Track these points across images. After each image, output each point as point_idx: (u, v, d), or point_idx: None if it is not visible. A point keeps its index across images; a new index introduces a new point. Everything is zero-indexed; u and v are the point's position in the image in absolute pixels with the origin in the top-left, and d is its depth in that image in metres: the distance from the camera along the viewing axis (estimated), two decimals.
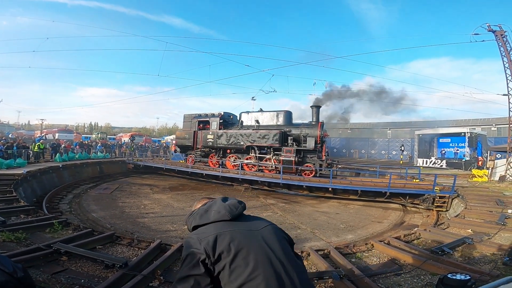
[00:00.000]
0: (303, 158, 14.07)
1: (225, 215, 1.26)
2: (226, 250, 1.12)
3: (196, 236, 1.20)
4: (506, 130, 16.73)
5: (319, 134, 13.83)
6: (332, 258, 4.64)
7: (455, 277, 2.62)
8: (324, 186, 12.01)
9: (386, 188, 10.92)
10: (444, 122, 34.21)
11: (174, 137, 50.15)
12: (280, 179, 12.68)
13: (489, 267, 3.99)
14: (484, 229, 5.97)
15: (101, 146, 25.73)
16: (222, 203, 1.32)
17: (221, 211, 1.27)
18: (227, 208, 1.28)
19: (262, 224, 1.32)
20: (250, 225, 1.29)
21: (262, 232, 1.26)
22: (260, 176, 14.00)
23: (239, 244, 1.15)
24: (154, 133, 73.90)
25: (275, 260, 1.15)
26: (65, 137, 36.73)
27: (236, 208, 1.30)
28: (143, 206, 10.40)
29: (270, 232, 1.28)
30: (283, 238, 1.32)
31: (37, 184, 12.05)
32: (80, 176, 16.09)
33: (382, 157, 37.77)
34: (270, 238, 1.24)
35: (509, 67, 14.51)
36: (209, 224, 1.25)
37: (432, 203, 10.18)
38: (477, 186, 12.53)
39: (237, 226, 1.25)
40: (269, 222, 1.37)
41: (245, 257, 1.12)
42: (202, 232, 1.21)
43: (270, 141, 14.29)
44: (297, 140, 14.30)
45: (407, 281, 3.71)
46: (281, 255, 1.19)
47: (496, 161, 16.44)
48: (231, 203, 1.32)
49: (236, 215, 1.28)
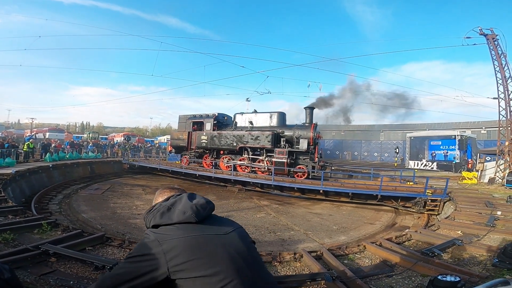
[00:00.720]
0: (296, 160, 14.03)
1: (190, 217, 1.12)
2: (188, 257, 1.02)
3: (155, 236, 1.07)
4: (496, 133, 17.06)
5: (312, 136, 13.76)
6: (324, 260, 4.65)
7: (445, 278, 2.66)
8: (315, 188, 11.96)
9: (377, 191, 10.85)
10: (435, 125, 34.81)
11: (168, 137, 49.91)
12: (272, 180, 12.66)
13: (478, 268, 4.05)
14: (473, 231, 6.07)
15: (93, 146, 25.38)
16: (188, 202, 1.18)
17: (187, 211, 1.13)
18: (193, 209, 1.15)
19: (229, 228, 1.21)
20: (217, 229, 1.17)
21: (229, 237, 1.16)
22: (252, 177, 13.99)
23: (203, 251, 1.05)
24: (147, 133, 73.29)
25: (244, 267, 1.07)
26: (55, 136, 36.15)
27: (204, 209, 1.18)
28: (135, 207, 10.28)
29: (237, 237, 1.18)
30: (251, 243, 1.23)
31: (26, 184, 11.81)
32: (70, 176, 15.82)
33: (374, 159, 38.16)
34: (237, 244, 1.14)
35: (499, 71, 14.79)
36: (171, 225, 1.12)
37: (423, 206, 10.01)
38: (466, 188, 12.74)
39: (203, 230, 1.13)
40: (237, 225, 1.28)
41: (210, 265, 1.02)
42: (162, 234, 1.08)
43: (262, 143, 14.27)
44: (290, 141, 14.28)
45: (398, 282, 3.73)
46: (250, 262, 1.11)
47: (486, 163, 16.79)
48: (198, 203, 1.19)
49: (202, 217, 1.16)
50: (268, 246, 6.56)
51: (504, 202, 9.10)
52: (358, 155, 40.08)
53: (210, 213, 1.22)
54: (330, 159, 35.62)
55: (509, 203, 8.84)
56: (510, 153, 14.52)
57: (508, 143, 14.66)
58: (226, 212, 9.88)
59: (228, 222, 1.28)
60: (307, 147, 13.61)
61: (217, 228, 1.18)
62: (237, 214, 9.71)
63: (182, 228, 1.10)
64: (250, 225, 8.42)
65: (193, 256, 1.02)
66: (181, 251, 1.02)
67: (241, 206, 11.24)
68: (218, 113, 17.33)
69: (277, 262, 4.53)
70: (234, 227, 1.24)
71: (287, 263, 4.53)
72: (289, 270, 4.29)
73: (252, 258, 1.14)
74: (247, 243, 1.20)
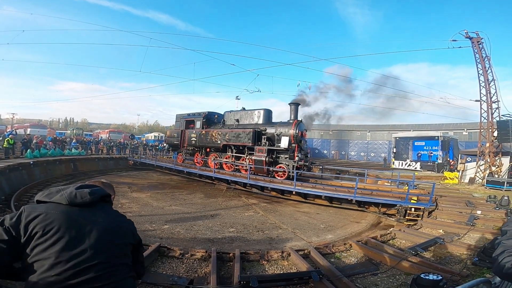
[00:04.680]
0: (276, 159, 13.35)
1: (62, 199, 1.25)
2: (41, 230, 1.14)
3: (27, 209, 1.22)
4: (477, 135, 17.66)
5: (293, 133, 12.87)
6: (312, 258, 4.70)
7: (427, 277, 2.73)
8: (287, 189, 11.44)
9: (352, 195, 9.61)
10: (420, 126, 35.73)
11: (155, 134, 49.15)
12: (248, 179, 12.41)
13: (459, 267, 4.18)
14: (454, 230, 6.27)
15: (76, 143, 24.67)
16: (73, 188, 1.31)
17: (64, 194, 1.27)
18: (71, 194, 1.27)
19: (101, 219, 1.30)
20: (87, 215, 1.27)
21: (92, 225, 1.25)
22: (230, 175, 13.94)
23: (57, 229, 1.16)
24: (134, 130, 71.91)
25: (86, 253, 1.17)
26: (37, 132, 34.94)
27: (81, 197, 1.28)
28: (120, 205, 10.06)
29: (101, 227, 1.27)
30: (114, 239, 1.30)
31: (6, 181, 11.35)
32: (52, 173, 15.33)
33: (361, 159, 38.85)
34: (95, 232, 1.23)
35: (483, 74, 15.26)
36: (47, 203, 1.26)
37: (403, 215, 8.74)
38: (448, 188, 13.15)
39: (69, 212, 1.24)
40: (118, 221, 1.38)
41: (56, 242, 1.14)
42: (34, 208, 1.23)
43: (243, 140, 13.95)
44: (271, 139, 13.66)
45: (383, 281, 3.81)
46: (96, 248, 1.20)
47: (466, 164, 17.39)
48: (80, 191, 1.30)
49: (76, 203, 1.26)
50: (256, 245, 6.56)
51: (484, 201, 9.45)
52: (345, 154, 40.71)
53: (88, 201, 1.29)
54: (319, 158, 36.03)
55: (489, 203, 9.18)
56: (490, 154, 15.08)
57: (488, 144, 15.21)
58: (214, 211, 9.81)
59: (111, 217, 1.37)
60: (288, 145, 12.82)
61: (89, 215, 1.28)
62: (225, 213, 9.66)
63: (51, 206, 1.24)
64: (238, 223, 8.40)
65: (43, 229, 1.15)
66: (39, 221, 1.16)
67: (229, 204, 11.19)
68: (208, 112, 17.30)
69: (265, 260, 4.54)
70: (108, 222, 1.32)
71: (275, 262, 4.55)
72: (277, 269, 4.30)
73: (102, 246, 1.23)
74: (109, 236, 1.28)
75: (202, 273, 3.98)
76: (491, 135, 15.22)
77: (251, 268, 4.32)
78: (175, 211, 9.53)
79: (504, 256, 1.33)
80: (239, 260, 4.31)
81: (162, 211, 9.50)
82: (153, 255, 4.37)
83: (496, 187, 12.84)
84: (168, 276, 3.76)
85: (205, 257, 4.51)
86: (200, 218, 8.81)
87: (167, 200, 11.40)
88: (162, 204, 10.52)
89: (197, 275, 3.93)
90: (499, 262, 1.33)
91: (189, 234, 7.15)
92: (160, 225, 7.74)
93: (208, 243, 6.41)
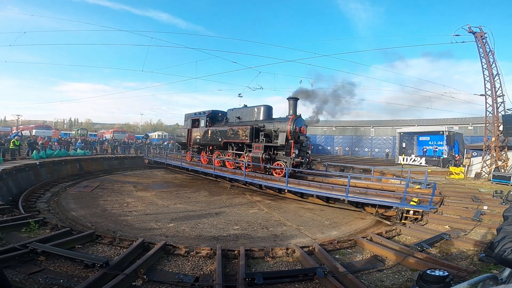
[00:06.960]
0: (273, 155, 12.99)
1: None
2: None
3: None
4: (482, 129, 17.44)
5: (290, 129, 12.46)
6: (316, 255, 4.70)
7: (433, 273, 2.69)
8: (280, 187, 11.26)
9: (344, 194, 9.13)
10: (424, 121, 35.41)
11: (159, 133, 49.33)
12: (244, 176, 12.40)
13: (465, 263, 4.15)
14: (460, 225, 6.21)
15: (81, 143, 24.88)
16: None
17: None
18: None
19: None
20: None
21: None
22: (230, 173, 14.03)
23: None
24: (137, 130, 72.28)
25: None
26: (42, 133, 35.28)
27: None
28: (126, 204, 10.15)
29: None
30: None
31: (13, 182, 11.52)
32: (58, 173, 15.50)
33: (365, 155, 38.65)
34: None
35: (487, 68, 15.07)
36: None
37: (400, 219, 8.18)
38: (454, 183, 13.02)
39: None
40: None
41: None
42: None
43: (241, 137, 13.85)
44: (269, 135, 13.38)
45: (389, 277, 3.80)
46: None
47: (472, 159, 17.21)
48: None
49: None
50: (261, 242, 6.58)
51: (490, 196, 9.34)
52: (349, 150, 40.51)
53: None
54: (322, 154, 35.91)
55: (495, 198, 9.08)
56: (496, 149, 14.90)
57: (494, 138, 15.02)
58: (218, 208, 9.86)
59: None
60: (286, 141, 12.47)
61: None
62: (230, 210, 9.70)
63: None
64: (243, 221, 8.43)
65: None
66: None
67: (234, 202, 11.23)
68: (212, 110, 17.45)
69: (270, 257, 4.55)
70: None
71: (280, 259, 4.56)
72: (282, 266, 4.31)
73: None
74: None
75: (207, 271, 4.00)
76: (496, 130, 15.03)
77: (256, 265, 4.34)
78: (180, 210, 9.59)
79: (505, 242, 1.32)
80: (244, 257, 4.33)
81: (167, 209, 9.57)
82: (159, 253, 4.40)
83: (503, 182, 12.67)
84: (174, 274, 3.80)
85: (210, 255, 4.53)
86: (205, 216, 8.86)
87: (172, 198, 11.48)
88: (167, 203, 10.59)
89: (203, 272, 3.95)
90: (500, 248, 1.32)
91: (194, 232, 7.20)
92: (166, 224, 7.81)
93: (213, 241, 6.45)
